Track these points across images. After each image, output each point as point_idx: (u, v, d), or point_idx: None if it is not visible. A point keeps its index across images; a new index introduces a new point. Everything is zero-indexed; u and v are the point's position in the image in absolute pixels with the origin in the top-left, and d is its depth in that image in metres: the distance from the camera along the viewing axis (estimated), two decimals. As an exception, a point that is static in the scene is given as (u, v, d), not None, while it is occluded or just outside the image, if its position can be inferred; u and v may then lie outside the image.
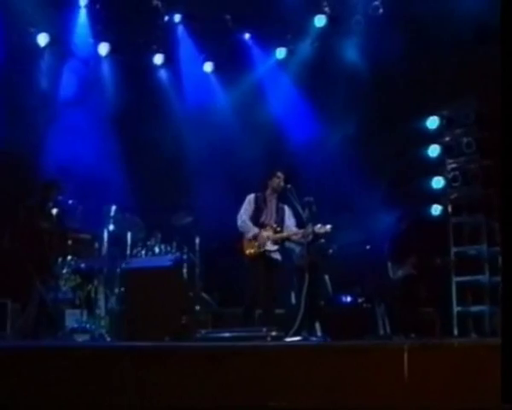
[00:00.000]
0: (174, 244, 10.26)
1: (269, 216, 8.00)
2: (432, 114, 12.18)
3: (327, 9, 12.43)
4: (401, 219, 10.20)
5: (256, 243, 7.78)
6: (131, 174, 11.18)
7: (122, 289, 8.03)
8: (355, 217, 10.61)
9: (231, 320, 8.74)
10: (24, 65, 11.22)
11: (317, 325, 9.94)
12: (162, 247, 10.24)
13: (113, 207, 10.31)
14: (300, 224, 8.07)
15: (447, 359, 4.48)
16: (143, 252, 10.20)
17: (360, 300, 10.82)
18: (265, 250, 7.82)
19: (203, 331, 6.53)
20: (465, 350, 4.63)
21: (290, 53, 12.72)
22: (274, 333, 6.20)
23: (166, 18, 12.31)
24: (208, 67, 12.82)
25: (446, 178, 11.62)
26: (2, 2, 11.18)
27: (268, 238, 7.80)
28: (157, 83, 12.49)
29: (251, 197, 8.08)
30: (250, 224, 7.89)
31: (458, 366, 4.52)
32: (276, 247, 7.87)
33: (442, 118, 11.85)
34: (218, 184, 11.15)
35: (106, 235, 10.20)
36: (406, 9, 11.61)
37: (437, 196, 11.84)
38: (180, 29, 12.35)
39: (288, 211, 8.02)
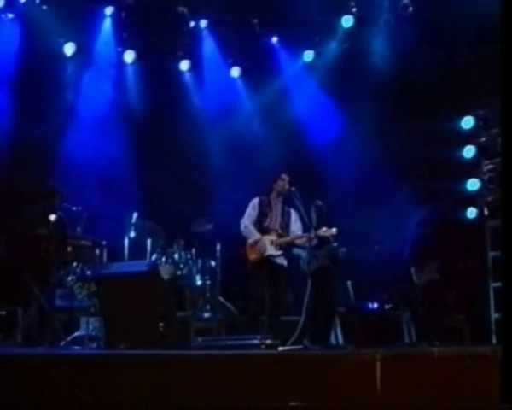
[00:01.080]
0: (193, 251, 10.25)
1: (273, 220, 7.78)
2: (466, 114, 11.79)
3: (354, 10, 12.14)
4: (422, 222, 9.83)
5: (257, 249, 7.57)
6: (154, 181, 11.12)
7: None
8: (381, 219, 10.27)
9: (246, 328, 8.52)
10: (51, 73, 11.22)
11: (339, 333, 9.69)
12: (182, 254, 10.21)
13: (135, 214, 10.33)
14: (305, 227, 7.82)
15: (423, 368, 4.23)
16: (163, 259, 10.19)
17: (387, 306, 10.47)
18: (269, 255, 7.60)
19: (199, 339, 6.38)
20: (446, 360, 4.35)
21: (318, 56, 12.47)
22: (268, 341, 5.99)
23: (192, 24, 12.20)
24: (235, 72, 12.68)
25: (482, 180, 11.21)
26: (31, 13, 11.23)
27: (271, 243, 7.58)
28: (182, 89, 12.39)
29: (255, 201, 7.89)
30: (253, 229, 7.69)
31: (436, 376, 4.26)
32: (279, 252, 7.62)
33: (477, 117, 11.46)
34: (240, 190, 10.98)
35: (127, 242, 10.27)
36: (437, 6, 11.23)
37: (472, 199, 11.43)
38: (206, 35, 12.20)
39: (294, 214, 7.78)
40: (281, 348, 6.44)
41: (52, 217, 7.43)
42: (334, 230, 7.66)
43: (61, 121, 11.12)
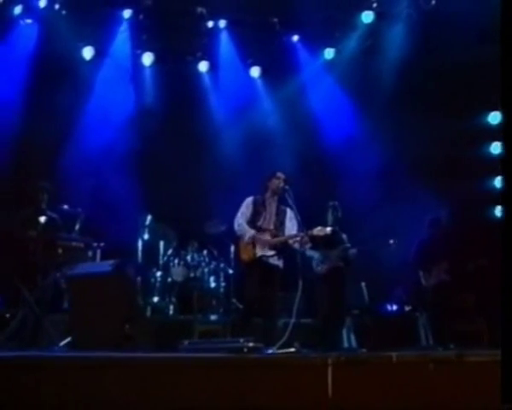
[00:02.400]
0: (204, 252, 10.18)
1: (267, 220, 7.55)
2: (493, 109, 11.44)
3: (375, 5, 11.89)
4: (431, 223, 9.51)
5: (252, 248, 7.39)
6: (169, 182, 11.09)
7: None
8: (398, 219, 10.03)
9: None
10: (69, 76, 11.30)
11: (352, 336, 9.47)
12: (195, 256, 10.17)
13: (149, 217, 10.32)
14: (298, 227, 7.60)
15: (380, 374, 4.02)
16: (176, 261, 10.18)
17: (407, 308, 10.19)
18: (262, 256, 7.40)
19: (186, 342, 6.27)
20: (405, 365, 4.14)
21: (338, 53, 12.26)
22: (251, 344, 5.84)
23: (211, 24, 12.11)
24: (255, 71, 12.56)
25: (511, 178, 10.76)
26: (50, 18, 11.33)
27: (265, 243, 7.39)
28: (200, 90, 12.33)
29: (249, 200, 7.69)
30: (246, 226, 7.50)
31: (394, 382, 4.05)
32: (272, 252, 7.42)
33: (505, 113, 11.00)
34: (256, 191, 10.85)
35: (140, 244, 10.28)
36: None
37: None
38: (225, 35, 12.10)
39: (289, 214, 7.55)
40: (270, 351, 6.27)
41: (42, 219, 7.42)
42: (328, 229, 7.42)
43: (77, 123, 11.13)
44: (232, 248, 10.20)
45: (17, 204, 8.22)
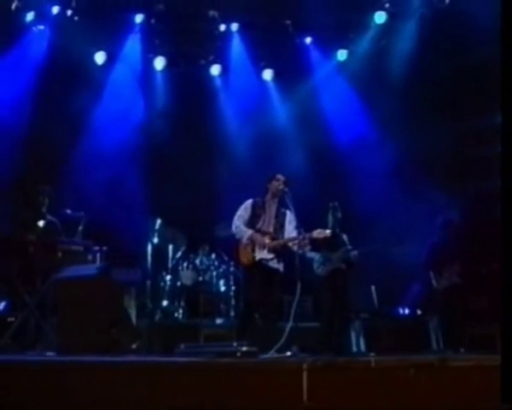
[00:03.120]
0: (213, 256, 10.15)
1: (266, 222, 7.45)
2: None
3: (387, 5, 11.78)
4: (443, 225, 9.36)
5: (251, 251, 7.31)
6: (180, 186, 11.08)
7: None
8: (408, 220, 9.90)
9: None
10: (82, 81, 11.37)
11: (361, 340, 9.36)
12: (204, 259, 10.15)
13: (158, 221, 10.32)
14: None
15: (358, 379, 3.93)
16: (185, 264, 10.17)
17: (420, 312, 10.04)
18: (261, 259, 7.32)
19: (182, 346, 6.22)
20: (385, 370, 4.05)
21: (351, 54, 12.17)
22: (244, 348, 5.77)
23: (223, 27, 12.09)
24: (268, 74, 12.51)
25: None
26: (62, 24, 11.42)
27: (264, 245, 7.31)
28: (212, 94, 12.33)
29: (248, 203, 7.60)
30: (244, 228, 7.40)
31: (373, 387, 3.96)
32: (272, 255, 7.33)
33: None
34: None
35: (149, 248, 10.28)
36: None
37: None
38: (237, 38, 12.08)
39: (289, 216, 7.43)
40: (267, 355, 6.20)
41: (41, 222, 7.45)
42: (328, 231, 7.32)
43: (87, 127, 11.19)
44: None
45: (19, 207, 8.23)
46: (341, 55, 12.36)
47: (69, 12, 11.58)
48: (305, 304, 9.79)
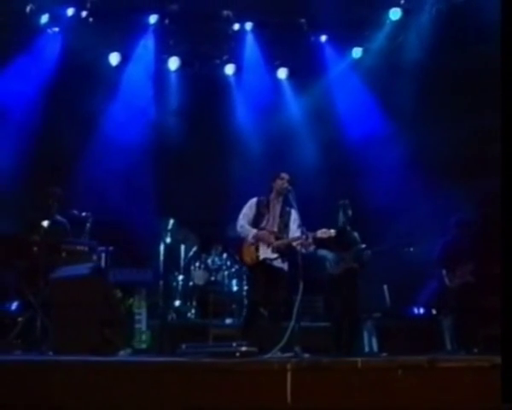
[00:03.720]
0: (224, 256, 10.13)
1: (270, 221, 7.38)
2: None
3: (402, 2, 11.66)
4: (457, 223, 9.22)
5: (255, 250, 7.26)
6: (193, 186, 11.08)
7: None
8: (421, 219, 9.79)
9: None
10: (96, 82, 11.44)
11: (374, 340, 9.26)
12: (216, 259, 10.13)
13: (171, 221, 10.31)
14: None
15: (340, 380, 3.87)
16: (197, 264, 10.16)
17: (435, 311, 9.90)
18: (265, 259, 7.26)
19: (184, 346, 6.22)
20: (372, 370, 3.98)
21: (366, 52, 12.06)
22: (244, 349, 5.74)
23: (237, 27, 12.06)
24: (282, 73, 12.45)
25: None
26: (77, 26, 11.48)
27: (270, 244, 7.25)
28: (226, 93, 12.30)
29: (253, 202, 7.56)
30: (248, 227, 7.35)
31: (359, 388, 3.90)
32: (276, 255, 7.27)
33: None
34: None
35: (162, 248, 10.27)
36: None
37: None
38: (251, 37, 12.04)
39: (294, 215, 7.35)
40: (268, 356, 6.15)
41: (45, 223, 7.48)
42: (332, 231, 7.23)
43: (101, 127, 11.25)
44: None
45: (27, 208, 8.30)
46: (356, 52, 12.26)
47: (84, 13, 11.63)
48: (316, 304, 9.73)
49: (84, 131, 11.04)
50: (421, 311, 10.29)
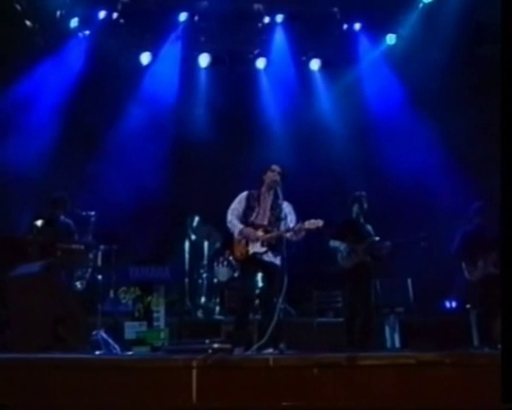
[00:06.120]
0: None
1: (261, 215, 7.16)
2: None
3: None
4: (478, 211, 8.72)
5: (244, 245, 7.09)
6: (218, 183, 11.01)
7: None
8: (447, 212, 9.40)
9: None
10: (127, 83, 11.57)
11: (396, 336, 8.94)
12: (239, 256, 10.01)
13: (196, 218, 10.33)
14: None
15: (250, 377, 3.71)
16: (220, 261, 10.13)
17: (468, 306, 9.44)
18: (255, 253, 7.07)
19: (166, 343, 6.17)
20: (284, 368, 3.80)
21: (400, 38, 11.67)
22: (216, 345, 5.62)
23: (267, 20, 11.91)
24: (315, 64, 12.21)
25: None
26: (108, 28, 11.64)
27: (257, 239, 7.06)
28: (258, 88, 12.16)
29: (242, 195, 7.36)
30: (236, 222, 7.15)
31: (265, 386, 3.73)
32: (265, 248, 7.06)
33: None
34: (307, 188, 10.58)
35: (187, 245, 10.31)
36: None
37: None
38: (282, 29, 11.86)
39: (287, 207, 7.15)
40: (248, 352, 6.01)
41: (38, 222, 7.56)
42: (320, 222, 6.96)
43: (128, 127, 11.32)
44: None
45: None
46: (390, 38, 11.88)
47: (115, 15, 11.78)
48: (336, 299, 9.50)
49: (111, 129, 11.11)
50: (454, 305, 9.81)
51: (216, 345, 5.65)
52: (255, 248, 7.06)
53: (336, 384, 3.77)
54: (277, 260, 7.07)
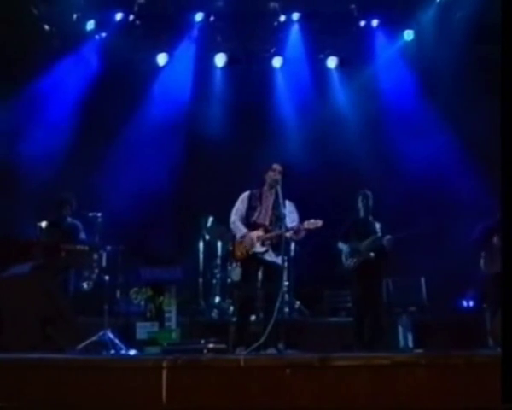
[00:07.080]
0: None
1: (262, 214, 7.12)
2: None
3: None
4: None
5: (244, 245, 7.07)
6: (232, 183, 10.95)
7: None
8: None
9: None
10: (144, 84, 11.61)
11: (409, 335, 8.80)
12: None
13: (210, 218, 10.32)
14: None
15: (221, 378, 3.67)
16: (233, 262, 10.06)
17: (485, 305, 9.26)
18: (255, 253, 7.02)
19: (165, 344, 6.16)
20: (255, 369, 3.75)
21: (418, 33, 11.50)
22: (211, 345, 5.59)
23: (283, 18, 11.84)
24: (332, 62, 12.07)
25: None
26: (125, 29, 11.71)
27: (258, 239, 7.01)
28: (274, 87, 12.08)
29: (245, 195, 7.34)
30: (239, 224, 7.14)
31: (236, 386, 3.69)
32: (265, 248, 7.00)
33: None
34: (323, 188, 10.53)
35: (201, 245, 10.31)
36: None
37: None
38: (299, 28, 11.78)
39: (289, 206, 7.11)
40: (244, 352, 5.96)
41: (43, 224, 7.62)
42: (319, 222, 6.89)
43: (145, 127, 11.34)
44: (292, 246, 9.92)
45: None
46: (408, 34, 11.71)
47: (131, 17, 11.83)
48: (346, 298, 9.41)
49: (126, 129, 11.16)
50: (471, 304, 9.62)
51: (211, 345, 5.60)
52: (256, 247, 7.02)
53: (308, 385, 3.69)
54: (278, 260, 7.03)
